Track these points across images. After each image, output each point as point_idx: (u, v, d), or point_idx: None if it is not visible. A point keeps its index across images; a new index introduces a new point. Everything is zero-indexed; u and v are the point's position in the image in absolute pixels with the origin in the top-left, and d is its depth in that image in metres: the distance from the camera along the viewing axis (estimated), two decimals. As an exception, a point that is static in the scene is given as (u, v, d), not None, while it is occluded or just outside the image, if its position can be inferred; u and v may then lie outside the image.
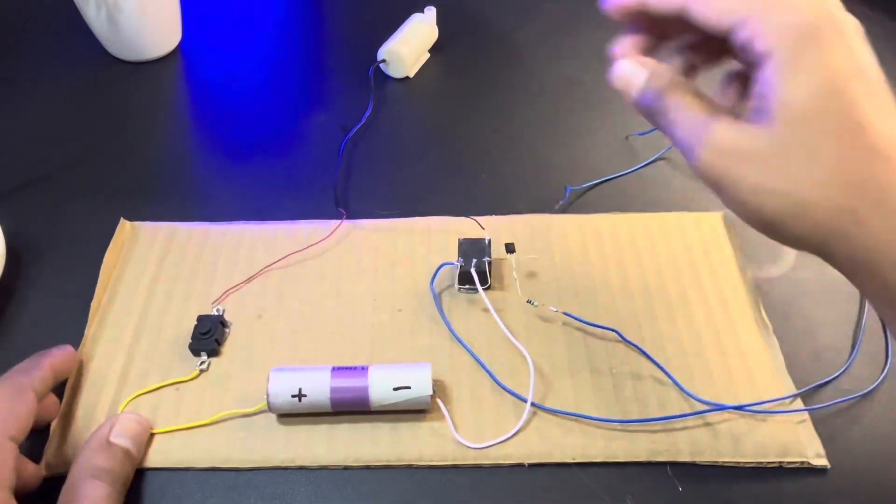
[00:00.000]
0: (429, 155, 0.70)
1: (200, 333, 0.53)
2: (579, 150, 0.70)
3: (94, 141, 0.72)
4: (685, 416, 0.49)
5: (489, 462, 0.48)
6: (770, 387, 0.51)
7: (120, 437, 0.47)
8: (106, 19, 0.75)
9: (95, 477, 0.44)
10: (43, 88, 0.78)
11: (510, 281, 0.57)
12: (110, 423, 0.48)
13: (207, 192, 0.66)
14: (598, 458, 0.48)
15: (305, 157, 0.70)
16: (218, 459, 0.48)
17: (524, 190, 0.66)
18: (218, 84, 0.79)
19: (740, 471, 0.48)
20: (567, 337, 0.54)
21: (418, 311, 0.56)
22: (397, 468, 0.48)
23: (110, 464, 0.45)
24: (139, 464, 0.48)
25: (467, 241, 0.56)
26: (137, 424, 0.48)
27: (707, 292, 0.56)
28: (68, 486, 0.44)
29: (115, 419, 0.48)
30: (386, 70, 0.78)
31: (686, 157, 0.38)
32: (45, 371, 0.48)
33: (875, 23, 0.83)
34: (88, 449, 0.46)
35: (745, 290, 0.56)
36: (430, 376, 0.49)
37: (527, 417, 0.49)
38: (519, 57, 0.82)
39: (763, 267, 0.59)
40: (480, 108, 0.75)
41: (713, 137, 0.36)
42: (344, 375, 0.49)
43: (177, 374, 0.52)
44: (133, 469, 0.47)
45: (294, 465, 0.48)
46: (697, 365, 0.52)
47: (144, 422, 0.49)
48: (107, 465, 0.45)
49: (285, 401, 0.48)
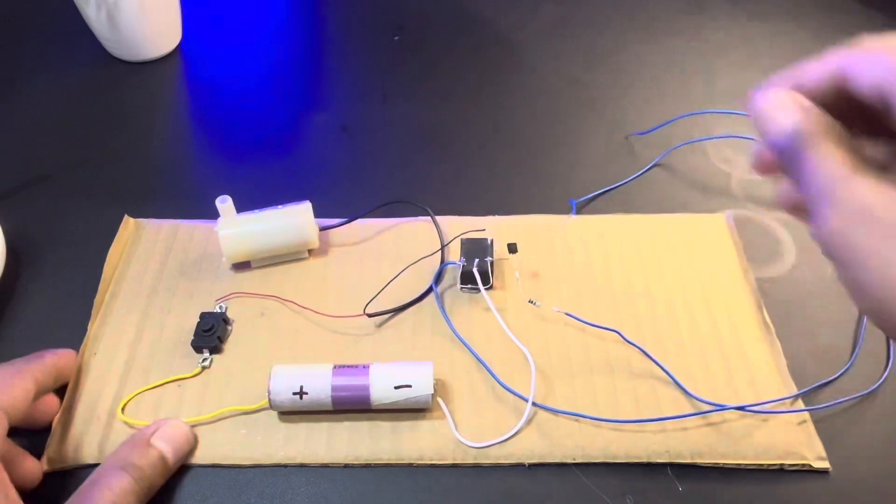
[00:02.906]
0: (428, 155, 0.70)
1: (203, 330, 0.53)
2: (580, 150, 0.70)
3: (94, 141, 0.72)
4: (686, 417, 0.49)
5: (489, 461, 0.48)
6: (772, 389, 0.51)
7: (160, 441, 0.47)
8: (106, 19, 0.75)
9: (123, 469, 0.44)
10: (43, 88, 0.78)
11: (512, 281, 0.57)
12: (156, 425, 0.48)
13: (207, 192, 0.65)
14: (599, 458, 0.48)
15: (305, 157, 0.71)
16: (219, 456, 0.48)
17: (525, 190, 0.66)
18: (218, 84, 0.79)
19: (741, 471, 0.48)
20: (568, 337, 0.54)
21: (420, 310, 0.56)
22: (398, 467, 0.48)
23: (142, 462, 0.45)
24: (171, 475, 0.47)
25: (470, 240, 0.56)
26: (182, 434, 0.48)
27: (709, 293, 0.56)
28: (94, 475, 0.44)
29: (163, 422, 0.48)
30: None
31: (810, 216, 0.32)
32: (47, 364, 0.48)
33: (874, 23, 0.84)
34: (126, 443, 0.46)
35: (748, 292, 0.56)
36: (431, 375, 0.49)
37: (528, 417, 0.49)
38: (519, 57, 0.82)
39: (763, 267, 0.59)
40: (480, 108, 0.75)
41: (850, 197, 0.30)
42: (345, 374, 0.49)
43: (179, 371, 0.52)
44: (163, 478, 0.46)
45: (295, 462, 0.48)
46: (699, 366, 0.52)
47: (191, 435, 0.49)
48: (138, 462, 0.45)
49: (287, 398, 0.48)
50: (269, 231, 0.56)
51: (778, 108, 0.34)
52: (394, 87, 0.78)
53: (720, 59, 0.81)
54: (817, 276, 0.59)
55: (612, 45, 0.83)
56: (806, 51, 0.83)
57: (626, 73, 0.79)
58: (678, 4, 0.89)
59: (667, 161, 0.68)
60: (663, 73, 0.79)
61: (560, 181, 0.66)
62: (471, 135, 0.72)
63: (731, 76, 0.78)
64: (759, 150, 0.37)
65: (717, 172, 0.67)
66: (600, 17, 0.87)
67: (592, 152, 0.69)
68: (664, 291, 0.57)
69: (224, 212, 0.56)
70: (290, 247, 0.57)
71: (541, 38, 0.84)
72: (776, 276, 0.59)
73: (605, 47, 0.82)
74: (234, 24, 0.87)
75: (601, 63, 0.80)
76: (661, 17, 0.87)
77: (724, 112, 0.70)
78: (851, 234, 0.29)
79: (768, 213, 0.64)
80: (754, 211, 0.64)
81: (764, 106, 0.35)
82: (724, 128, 0.71)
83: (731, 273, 0.58)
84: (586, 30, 0.85)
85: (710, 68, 0.79)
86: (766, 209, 0.64)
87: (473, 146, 0.71)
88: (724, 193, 0.65)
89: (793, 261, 0.60)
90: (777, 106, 0.34)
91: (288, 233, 0.57)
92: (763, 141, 0.35)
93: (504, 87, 0.78)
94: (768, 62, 0.80)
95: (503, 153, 0.70)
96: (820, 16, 0.86)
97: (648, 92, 0.76)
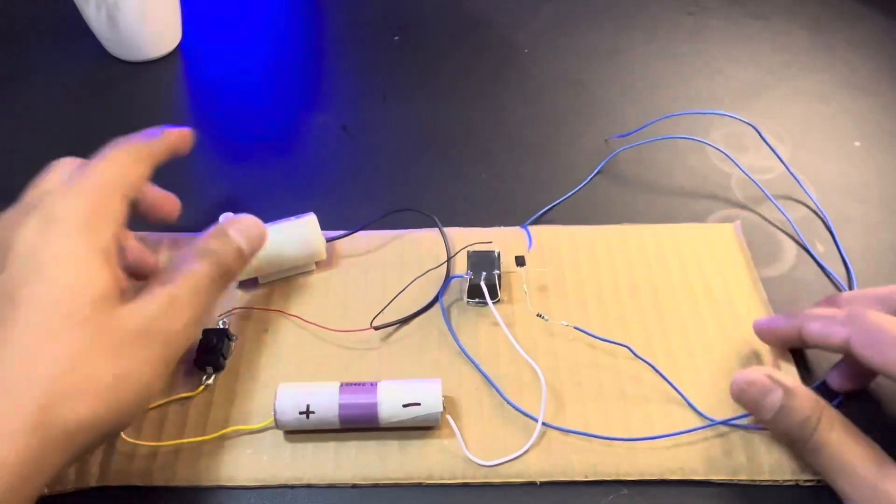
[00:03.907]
0: (429, 154, 0.70)
1: (206, 347, 0.52)
2: (581, 151, 0.69)
3: (95, 141, 0.70)
4: (697, 430, 0.49)
5: (500, 480, 0.47)
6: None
7: (238, 234, 0.48)
8: (106, 19, 0.74)
9: (203, 255, 0.46)
10: (43, 88, 0.77)
11: (520, 294, 0.56)
12: (230, 219, 0.49)
13: (207, 192, 0.65)
14: (611, 476, 0.47)
15: (305, 157, 0.70)
16: (223, 477, 0.47)
17: (525, 190, 0.65)
18: (218, 84, 0.79)
19: (755, 488, 0.47)
20: (578, 352, 0.53)
21: (426, 324, 0.55)
22: (406, 486, 0.47)
23: (222, 249, 0.47)
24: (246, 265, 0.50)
25: (477, 253, 0.56)
26: (257, 228, 0.50)
27: (719, 305, 0.56)
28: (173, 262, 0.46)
29: (237, 217, 0.50)
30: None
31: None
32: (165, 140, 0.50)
33: (875, 23, 0.84)
34: (205, 235, 0.47)
35: (758, 303, 0.56)
36: (440, 392, 0.48)
37: (538, 435, 0.48)
38: (519, 57, 0.81)
39: (763, 267, 0.59)
40: (481, 107, 0.75)
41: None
42: (353, 392, 0.48)
43: (182, 389, 0.51)
44: (240, 268, 0.49)
45: (301, 483, 0.47)
46: (710, 382, 0.51)
47: (264, 231, 0.51)
48: (218, 249, 0.47)
49: (293, 418, 0.47)
50: (275, 245, 0.55)
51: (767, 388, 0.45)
52: (394, 87, 0.78)
53: (720, 59, 0.80)
54: (816, 276, 0.59)
55: (612, 45, 0.82)
56: (806, 50, 0.83)
57: (626, 73, 0.79)
58: (678, 4, 0.88)
59: (667, 161, 0.68)
60: (664, 74, 0.78)
61: (562, 183, 0.66)
62: (471, 134, 0.72)
63: (731, 76, 0.78)
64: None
65: (717, 172, 0.67)
66: (600, 18, 0.86)
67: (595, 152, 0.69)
68: (673, 304, 0.56)
69: None
70: (298, 260, 0.57)
71: (541, 38, 0.83)
72: (776, 276, 0.59)
73: (605, 47, 0.82)
74: (234, 24, 0.86)
75: (601, 63, 0.80)
76: (661, 17, 0.86)
77: (725, 114, 0.70)
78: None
79: (768, 214, 0.63)
80: (754, 211, 0.64)
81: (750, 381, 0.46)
82: (724, 128, 0.71)
83: (740, 284, 0.57)
84: (586, 30, 0.84)
85: (711, 68, 0.79)
86: (766, 210, 0.64)
87: (474, 146, 0.70)
88: (724, 193, 0.65)
89: (792, 261, 0.60)
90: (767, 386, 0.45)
91: (295, 246, 0.56)
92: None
93: (505, 86, 0.77)
94: (768, 62, 0.79)
95: (504, 153, 0.69)
96: (820, 16, 0.85)
97: (649, 92, 0.76)
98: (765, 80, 0.77)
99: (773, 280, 0.58)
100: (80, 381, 0.38)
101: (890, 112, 0.73)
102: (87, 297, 0.39)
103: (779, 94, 0.75)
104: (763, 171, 0.66)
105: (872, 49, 0.80)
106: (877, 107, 0.73)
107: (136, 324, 0.41)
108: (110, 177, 0.44)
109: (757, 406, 0.46)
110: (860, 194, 0.65)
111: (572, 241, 0.60)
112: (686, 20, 0.86)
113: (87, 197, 0.42)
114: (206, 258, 0.45)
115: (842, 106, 0.74)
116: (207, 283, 0.45)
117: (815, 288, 0.58)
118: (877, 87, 0.76)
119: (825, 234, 0.62)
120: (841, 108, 0.73)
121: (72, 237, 0.41)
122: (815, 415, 0.43)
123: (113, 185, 0.44)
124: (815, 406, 0.44)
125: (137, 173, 0.46)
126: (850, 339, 0.44)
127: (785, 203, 0.64)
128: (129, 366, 0.40)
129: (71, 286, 0.39)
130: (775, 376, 0.45)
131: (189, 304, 0.44)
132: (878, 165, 0.67)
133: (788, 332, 0.49)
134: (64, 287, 0.39)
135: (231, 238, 0.48)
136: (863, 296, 0.49)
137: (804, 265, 0.60)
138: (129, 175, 0.45)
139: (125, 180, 0.45)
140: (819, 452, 0.43)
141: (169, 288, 0.43)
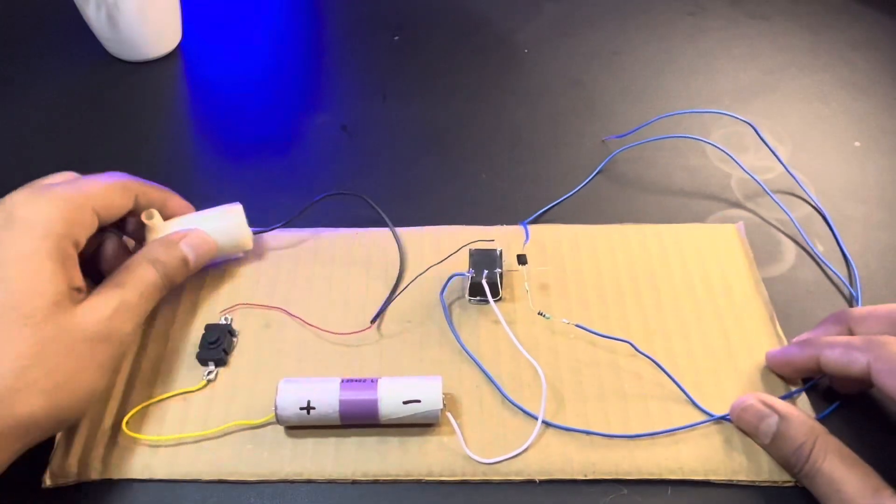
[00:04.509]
0: (429, 154, 0.70)
1: (208, 343, 0.52)
2: (581, 151, 0.69)
3: (94, 141, 0.71)
4: (696, 425, 0.49)
5: (499, 478, 0.47)
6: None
7: (186, 247, 0.52)
8: (106, 19, 0.74)
9: (151, 263, 0.50)
10: (43, 88, 0.77)
11: (521, 292, 0.56)
12: (183, 234, 0.53)
13: (207, 193, 0.65)
14: (611, 474, 0.47)
15: (305, 157, 0.70)
16: (224, 472, 0.47)
17: (525, 190, 0.65)
18: (218, 84, 0.79)
19: (755, 488, 0.47)
20: (579, 350, 0.53)
21: (428, 322, 0.55)
22: (406, 483, 0.47)
23: (169, 259, 0.51)
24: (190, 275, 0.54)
25: (478, 251, 0.56)
26: (205, 244, 0.54)
27: (721, 305, 0.56)
28: (122, 267, 0.49)
29: (189, 232, 0.53)
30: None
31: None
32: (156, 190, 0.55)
33: (875, 22, 0.84)
34: (154, 243, 0.52)
35: (760, 303, 0.56)
36: (440, 390, 0.48)
37: (538, 433, 0.48)
38: (519, 56, 0.81)
39: (763, 267, 0.59)
40: (481, 107, 0.75)
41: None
42: (353, 388, 0.48)
43: (184, 384, 0.51)
44: (183, 278, 0.53)
45: (301, 478, 0.47)
46: (711, 380, 0.51)
47: (213, 247, 0.55)
48: (165, 259, 0.51)
49: (293, 413, 0.47)
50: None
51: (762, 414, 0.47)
52: (394, 87, 0.78)
53: (720, 59, 0.80)
54: (816, 276, 0.59)
55: (613, 46, 0.82)
56: (806, 50, 0.83)
57: (627, 73, 0.79)
58: (678, 5, 0.88)
59: (667, 161, 0.68)
60: (664, 74, 0.78)
61: (562, 184, 0.66)
62: (471, 135, 0.72)
63: (731, 76, 0.78)
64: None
65: (717, 172, 0.67)
66: (600, 18, 0.86)
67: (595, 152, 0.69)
68: (676, 303, 0.56)
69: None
70: (223, 250, 0.57)
71: (541, 38, 0.84)
72: (776, 275, 0.59)
73: (607, 47, 0.82)
74: (234, 24, 0.86)
75: (601, 63, 0.80)
76: (662, 18, 0.86)
77: (724, 113, 0.70)
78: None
79: (768, 214, 0.63)
80: (754, 211, 0.64)
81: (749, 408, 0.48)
82: (723, 128, 0.71)
83: (742, 284, 0.57)
84: (586, 30, 0.85)
85: (711, 68, 0.79)
86: (766, 209, 0.64)
87: (474, 146, 0.70)
88: (724, 193, 0.65)
89: (792, 261, 0.60)
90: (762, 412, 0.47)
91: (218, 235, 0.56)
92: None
93: (505, 86, 0.77)
94: (768, 62, 0.79)
95: (504, 153, 0.70)
96: (820, 15, 0.85)
97: (650, 92, 0.76)
98: (765, 80, 0.77)
99: (773, 280, 0.58)
100: (37, 377, 0.41)
101: (890, 112, 0.73)
102: (43, 300, 0.42)
103: (779, 94, 0.75)
104: (763, 171, 0.66)
105: (872, 49, 0.80)
106: (877, 107, 0.73)
107: (90, 326, 0.44)
108: (87, 192, 0.47)
109: (754, 431, 0.47)
110: (860, 194, 0.65)
111: (574, 239, 0.60)
112: (686, 20, 0.86)
113: (55, 204, 0.45)
114: (156, 266, 0.50)
115: (842, 106, 0.74)
116: (152, 291, 0.50)
117: (816, 287, 0.58)
118: (877, 87, 0.76)
119: (825, 233, 0.62)
120: (841, 109, 0.74)
121: (33, 240, 0.44)
122: (810, 441, 0.44)
123: (86, 198, 0.47)
124: (809, 432, 0.44)
125: (118, 199, 0.50)
126: (871, 367, 0.43)
127: (785, 203, 0.64)
128: (80, 365, 0.43)
129: (28, 289, 0.42)
130: (769, 401, 0.47)
131: (136, 309, 0.48)
132: (878, 165, 0.67)
133: (805, 361, 0.48)
134: (22, 290, 0.42)
135: (181, 251, 0.52)
136: (875, 316, 0.47)
137: (804, 265, 0.60)
138: (108, 196, 0.49)
139: (102, 200, 0.48)
140: (813, 480, 0.43)
141: (120, 292, 0.47)
